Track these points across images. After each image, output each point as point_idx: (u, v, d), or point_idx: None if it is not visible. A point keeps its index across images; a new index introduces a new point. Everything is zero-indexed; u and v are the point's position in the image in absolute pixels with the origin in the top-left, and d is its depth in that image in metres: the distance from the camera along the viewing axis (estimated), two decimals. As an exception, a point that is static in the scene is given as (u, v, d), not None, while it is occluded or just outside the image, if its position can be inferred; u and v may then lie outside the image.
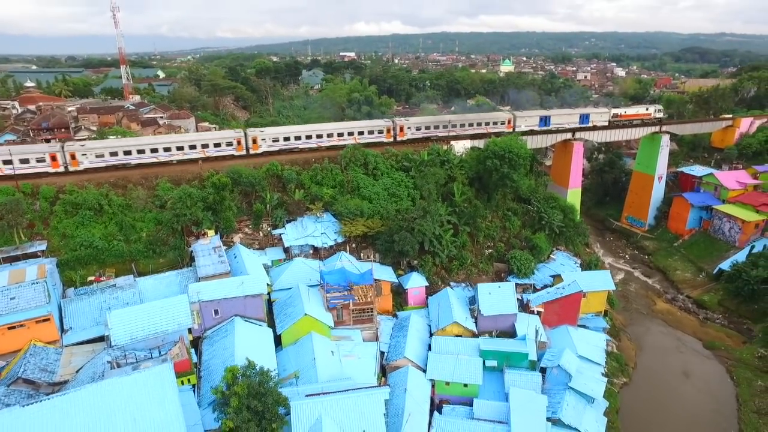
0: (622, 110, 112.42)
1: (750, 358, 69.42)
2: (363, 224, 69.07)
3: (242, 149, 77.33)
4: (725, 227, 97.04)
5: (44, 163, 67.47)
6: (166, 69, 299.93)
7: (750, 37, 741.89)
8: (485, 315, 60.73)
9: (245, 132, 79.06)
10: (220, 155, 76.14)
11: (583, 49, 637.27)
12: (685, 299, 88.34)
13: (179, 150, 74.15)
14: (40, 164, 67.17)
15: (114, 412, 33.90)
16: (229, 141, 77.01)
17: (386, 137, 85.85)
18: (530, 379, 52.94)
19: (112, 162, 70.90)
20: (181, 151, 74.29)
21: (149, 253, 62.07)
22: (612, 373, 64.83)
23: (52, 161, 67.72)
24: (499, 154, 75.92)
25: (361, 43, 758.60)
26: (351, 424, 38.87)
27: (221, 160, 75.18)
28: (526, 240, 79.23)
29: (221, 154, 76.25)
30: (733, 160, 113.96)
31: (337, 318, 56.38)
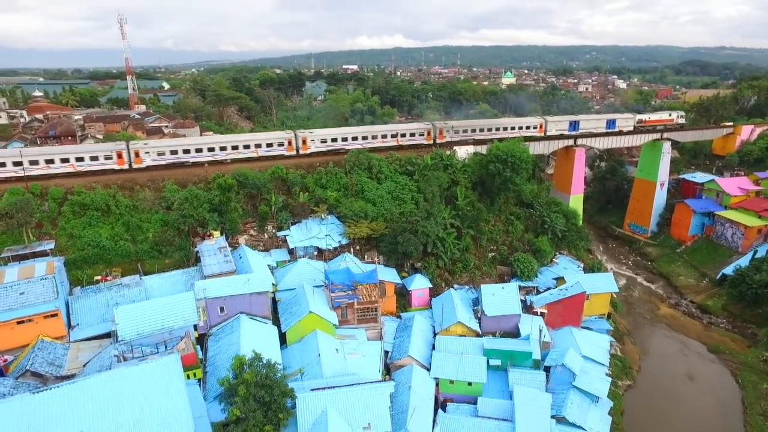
0: (647, 116, 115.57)
1: (755, 362, 69.24)
2: (367, 226, 69.62)
3: (293, 149, 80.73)
4: (728, 233, 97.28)
5: (111, 161, 71.41)
6: (170, 81, 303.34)
7: (749, 51, 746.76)
8: (489, 315, 60.89)
9: (296, 133, 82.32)
10: (272, 155, 79.43)
11: (584, 62, 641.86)
12: (689, 304, 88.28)
13: (234, 149, 77.70)
14: (107, 161, 71.13)
15: (122, 401, 34.25)
16: (281, 141, 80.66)
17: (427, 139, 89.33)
18: (534, 377, 52.94)
19: (171, 160, 74.78)
20: (236, 150, 77.84)
21: (155, 253, 62.68)
22: (616, 376, 64.68)
23: (118, 159, 71.79)
24: (502, 158, 76.63)
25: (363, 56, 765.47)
26: (356, 416, 39.06)
27: (272, 160, 78.46)
28: (529, 243, 79.61)
29: (273, 154, 79.66)
30: (734, 167, 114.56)
31: (341, 317, 56.67)
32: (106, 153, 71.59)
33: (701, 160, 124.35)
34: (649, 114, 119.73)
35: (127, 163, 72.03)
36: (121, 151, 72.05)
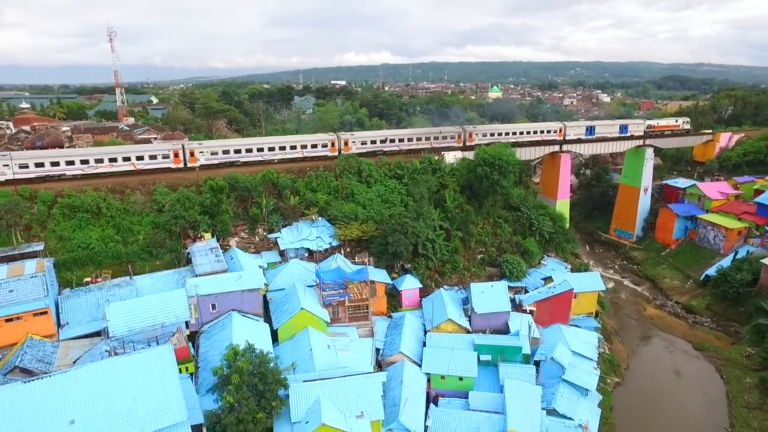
0: (655, 122, 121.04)
1: (738, 357, 70.54)
2: (357, 228, 70.30)
3: (335, 150, 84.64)
4: (710, 235, 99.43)
5: (168, 160, 75.06)
6: (159, 95, 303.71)
7: (726, 67, 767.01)
8: (479, 313, 61.56)
9: (338, 135, 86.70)
10: (316, 155, 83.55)
11: (568, 77, 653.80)
12: (674, 305, 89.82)
13: (281, 150, 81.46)
14: (165, 160, 74.71)
15: (114, 390, 34.24)
16: (324, 143, 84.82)
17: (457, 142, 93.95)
18: (524, 371, 53.65)
19: (223, 159, 78.49)
20: (283, 150, 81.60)
21: (146, 255, 62.64)
22: (605, 373, 65.50)
23: (174, 158, 75.33)
24: (489, 161, 78.12)
25: (351, 72, 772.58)
26: (349, 405, 39.33)
27: (316, 161, 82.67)
28: (517, 245, 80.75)
29: (317, 155, 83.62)
30: (714, 173, 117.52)
31: (333, 315, 57.05)
32: (164, 152, 75.44)
33: (683, 167, 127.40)
34: (657, 120, 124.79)
35: (183, 162, 75.46)
36: (178, 151, 75.65)
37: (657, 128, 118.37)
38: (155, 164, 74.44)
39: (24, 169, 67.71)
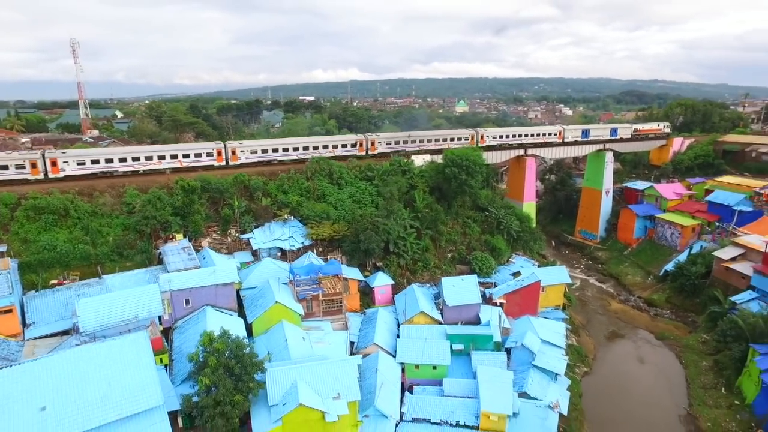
0: (641, 126, 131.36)
1: (695, 344, 74.07)
2: (329, 227, 71.09)
3: (363, 150, 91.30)
4: (667, 233, 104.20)
5: (212, 157, 79.81)
6: (124, 110, 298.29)
7: (678, 84, 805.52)
8: (450, 306, 62.96)
9: (366, 136, 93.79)
10: (346, 155, 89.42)
11: (532, 93, 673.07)
12: (637, 299, 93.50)
13: (315, 149, 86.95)
14: (209, 158, 79.67)
15: (88, 376, 34.00)
16: (354, 143, 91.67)
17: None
18: (496, 358, 55.14)
19: (261, 158, 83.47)
20: (316, 150, 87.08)
21: (116, 256, 61.71)
22: (574, 364, 67.77)
23: (218, 156, 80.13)
24: (457, 162, 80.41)
25: (319, 88, 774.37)
26: (326, 387, 39.77)
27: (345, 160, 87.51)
28: (485, 243, 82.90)
29: (346, 154, 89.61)
30: (669, 175, 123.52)
31: (306, 310, 57.33)
32: (209, 150, 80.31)
33: (641, 170, 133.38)
34: (642, 124, 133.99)
35: (225, 160, 80.00)
36: (221, 149, 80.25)
37: (642, 132, 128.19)
38: (200, 162, 79.09)
39: (81, 165, 71.69)
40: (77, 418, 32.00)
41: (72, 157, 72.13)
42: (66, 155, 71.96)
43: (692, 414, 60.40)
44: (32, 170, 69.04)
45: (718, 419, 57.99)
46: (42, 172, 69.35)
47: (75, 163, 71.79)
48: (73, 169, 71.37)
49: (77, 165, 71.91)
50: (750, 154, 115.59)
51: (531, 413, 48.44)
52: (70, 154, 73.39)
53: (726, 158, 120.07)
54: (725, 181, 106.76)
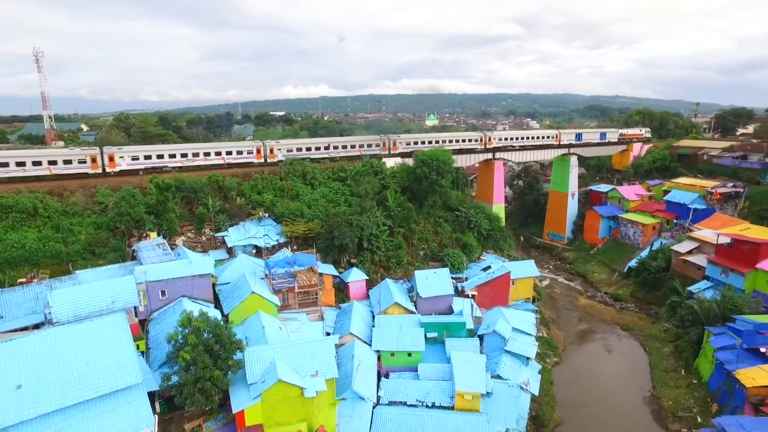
0: (625, 131, 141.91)
1: (658, 333, 77.57)
2: (304, 225, 72.04)
3: (386, 149, 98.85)
4: (630, 232, 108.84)
5: (252, 155, 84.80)
6: (89, 123, 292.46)
7: (638, 99, 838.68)
8: (423, 297, 64.49)
9: (389, 137, 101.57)
10: (370, 154, 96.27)
11: (500, 108, 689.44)
12: (603, 295, 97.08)
13: (343, 148, 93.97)
14: (249, 155, 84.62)
15: (65, 355, 34.02)
16: (378, 143, 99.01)
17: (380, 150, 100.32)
18: (469, 344, 56.81)
19: (296, 156, 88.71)
20: (345, 149, 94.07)
21: (88, 254, 61.14)
22: (544, 354, 70.05)
23: (257, 153, 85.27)
24: (428, 162, 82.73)
25: (290, 104, 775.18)
26: (304, 366, 40.55)
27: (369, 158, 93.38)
28: (457, 241, 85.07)
29: (371, 153, 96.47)
30: (630, 178, 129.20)
31: (282, 302, 57.98)
32: (249, 148, 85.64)
33: (604, 174, 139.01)
34: (627, 129, 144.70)
35: (263, 157, 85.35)
36: (260, 147, 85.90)
37: (627, 136, 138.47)
38: (242, 159, 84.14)
39: (135, 161, 76.09)
40: (54, 395, 31.98)
41: (127, 152, 76.50)
42: (122, 151, 76.50)
43: (655, 395, 63.27)
44: (92, 165, 73.04)
45: (678, 398, 60.94)
46: (100, 166, 73.36)
47: (130, 158, 76.11)
48: (128, 164, 75.77)
49: (131, 160, 76.21)
50: (702, 158, 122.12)
51: (504, 392, 50.10)
52: (126, 150, 77.66)
53: (681, 161, 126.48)
54: (681, 183, 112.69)
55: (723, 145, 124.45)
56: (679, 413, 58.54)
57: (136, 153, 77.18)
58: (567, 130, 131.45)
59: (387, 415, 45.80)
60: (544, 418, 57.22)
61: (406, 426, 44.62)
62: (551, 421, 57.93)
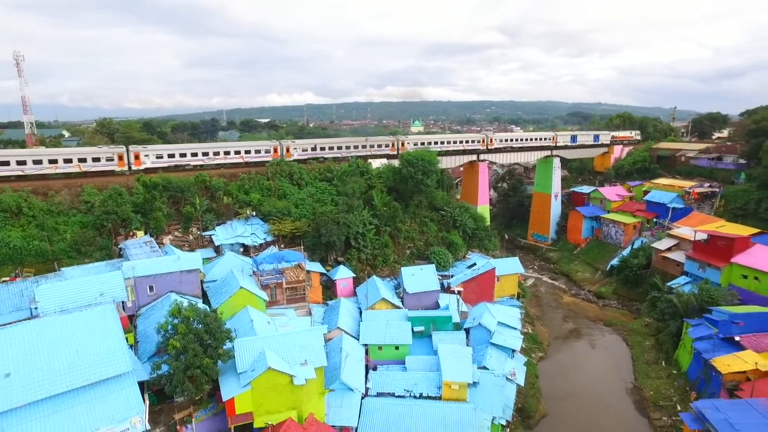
0: (617, 133, 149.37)
1: (639, 327, 79.31)
2: (291, 224, 72.53)
3: (395, 150, 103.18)
4: (612, 232, 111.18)
5: (269, 154, 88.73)
6: (71, 129, 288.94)
7: (619, 106, 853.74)
8: (410, 293, 65.35)
9: (398, 138, 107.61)
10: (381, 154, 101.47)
11: (484, 115, 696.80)
12: (587, 293, 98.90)
13: (355, 148, 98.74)
14: (266, 154, 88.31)
15: (54, 344, 34.16)
16: (387, 144, 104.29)
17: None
18: (456, 336, 57.71)
19: (311, 155, 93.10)
20: (356, 149, 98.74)
21: (74, 253, 60.91)
22: (530, 349, 71.25)
23: (274, 152, 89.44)
24: (414, 162, 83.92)
25: (275, 112, 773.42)
26: (293, 355, 40.98)
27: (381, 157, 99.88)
28: (442, 239, 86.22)
29: (381, 153, 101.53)
30: (611, 179, 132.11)
31: (270, 298, 58.31)
32: (267, 147, 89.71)
33: (586, 176, 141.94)
34: (618, 132, 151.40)
35: (280, 156, 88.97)
36: (277, 147, 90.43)
37: (618, 138, 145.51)
38: (259, 158, 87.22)
39: (159, 159, 79.27)
40: (43, 383, 32.07)
41: (152, 151, 79.96)
42: (147, 149, 79.75)
43: (637, 386, 64.76)
44: (119, 162, 76.21)
45: (659, 388, 62.46)
46: (127, 164, 76.45)
47: (154, 156, 79.20)
48: (152, 162, 78.56)
49: (156, 158, 79.21)
50: (680, 159, 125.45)
51: (490, 382, 51.02)
52: (150, 148, 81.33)
53: (660, 163, 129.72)
54: (660, 183, 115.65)
55: (700, 147, 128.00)
56: (660, 402, 60.02)
57: (160, 151, 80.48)
58: (562, 133, 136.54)
59: (375, 405, 46.38)
60: (530, 410, 58.28)
61: (395, 415, 45.23)
62: (537, 413, 58.96)
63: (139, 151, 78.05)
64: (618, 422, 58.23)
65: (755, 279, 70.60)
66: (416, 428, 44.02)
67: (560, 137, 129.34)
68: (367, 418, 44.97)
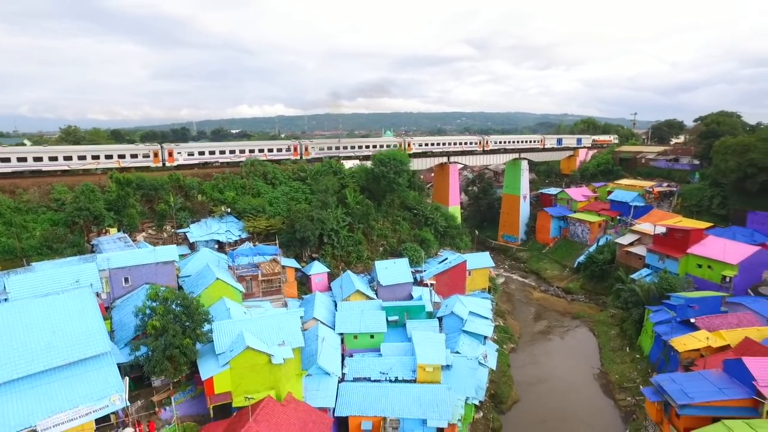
0: (597, 137, 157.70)
1: (605, 318, 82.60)
2: (265, 221, 73.20)
3: (401, 149, 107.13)
4: (578, 230, 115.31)
5: (289, 153, 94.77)
6: (32, 139, 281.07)
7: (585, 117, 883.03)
8: (384, 285, 66.74)
9: (404, 138, 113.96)
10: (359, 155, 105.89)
11: (455, 126, 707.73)
12: (556, 289, 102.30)
13: (366, 148, 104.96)
14: (287, 153, 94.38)
15: (30, 326, 34.23)
16: (395, 144, 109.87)
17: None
18: (429, 324, 59.22)
19: (327, 154, 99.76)
20: (368, 149, 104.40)
21: (45, 250, 59.96)
22: (501, 341, 73.40)
23: (294, 151, 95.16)
24: (386, 162, 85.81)
25: (246, 123, 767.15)
26: (271, 336, 41.81)
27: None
28: (415, 236, 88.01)
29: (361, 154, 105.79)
30: (577, 181, 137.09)
31: (246, 290, 58.80)
32: (287, 146, 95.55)
33: (553, 178, 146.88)
34: (599, 136, 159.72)
35: (299, 154, 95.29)
36: (296, 146, 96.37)
37: (599, 142, 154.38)
38: (281, 156, 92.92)
39: (190, 156, 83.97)
40: (20, 363, 32.13)
41: (184, 149, 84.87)
42: (179, 147, 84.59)
43: (604, 371, 67.62)
44: (154, 159, 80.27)
45: (624, 371, 65.44)
46: (161, 160, 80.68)
47: (186, 153, 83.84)
48: (184, 159, 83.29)
49: (188, 155, 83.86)
50: (641, 161, 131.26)
51: (463, 365, 52.67)
52: (182, 146, 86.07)
53: (622, 165, 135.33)
54: (623, 184, 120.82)
55: (658, 150, 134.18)
56: (624, 385, 62.91)
57: (191, 149, 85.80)
58: (550, 136, 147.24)
59: (352, 388, 47.41)
60: (503, 396, 60.30)
61: (371, 397, 46.33)
62: (509, 398, 61.00)
63: (173, 149, 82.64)
64: (586, 404, 60.75)
65: (708, 267, 74.83)
66: (392, 408, 45.20)
67: (548, 140, 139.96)
68: (344, 401, 45.92)
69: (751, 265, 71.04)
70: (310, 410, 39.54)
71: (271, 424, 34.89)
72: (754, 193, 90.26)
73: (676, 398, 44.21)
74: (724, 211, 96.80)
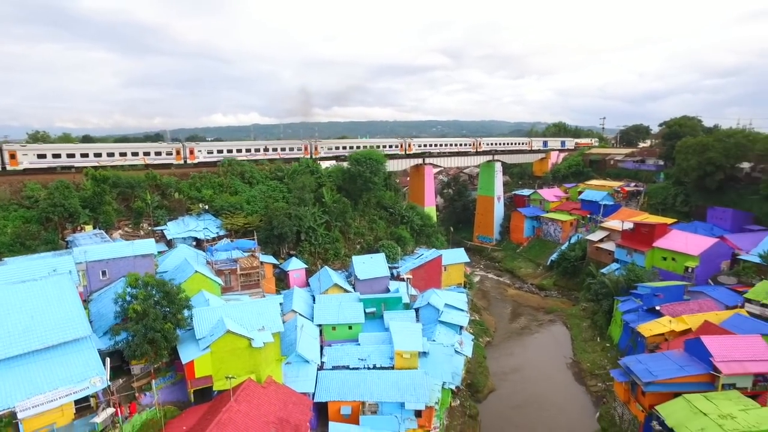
0: (580, 140, 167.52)
1: (578, 312, 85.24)
2: (243, 218, 73.59)
3: (402, 149, 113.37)
4: (551, 230, 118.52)
5: (300, 152, 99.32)
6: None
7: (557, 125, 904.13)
8: (361, 279, 67.78)
9: (405, 140, 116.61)
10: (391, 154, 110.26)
11: (431, 134, 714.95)
12: (530, 286, 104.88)
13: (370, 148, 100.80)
14: (299, 152, 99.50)
15: (8, 311, 34.21)
16: (397, 144, 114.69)
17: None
18: (406, 315, 60.55)
19: (337, 153, 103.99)
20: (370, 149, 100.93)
21: (18, 246, 59.13)
22: (477, 335, 75.09)
23: (305, 150, 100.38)
24: (362, 161, 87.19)
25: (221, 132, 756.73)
26: (251, 321, 42.42)
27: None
28: (391, 234, 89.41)
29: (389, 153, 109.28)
30: (549, 182, 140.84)
31: (225, 284, 59.11)
32: (299, 146, 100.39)
33: (526, 180, 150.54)
34: (581, 139, 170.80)
35: (310, 154, 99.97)
36: (308, 145, 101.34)
37: (580, 145, 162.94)
38: (293, 155, 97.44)
39: (209, 154, 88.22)
40: (-2, 346, 32.14)
41: (204, 147, 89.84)
42: (200, 146, 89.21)
43: (576, 360, 69.91)
44: (177, 156, 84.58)
45: (595, 360, 67.78)
46: (183, 158, 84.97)
47: (206, 152, 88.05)
48: (204, 156, 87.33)
49: (207, 153, 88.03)
50: (609, 163, 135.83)
51: (439, 352, 54.08)
52: (202, 145, 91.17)
53: (592, 167, 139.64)
54: (593, 184, 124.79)
55: (626, 152, 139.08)
56: (595, 372, 65.20)
57: (211, 147, 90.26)
58: (536, 138, 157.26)
59: (331, 375, 48.23)
60: (479, 385, 61.87)
61: (350, 383, 47.20)
62: (485, 387, 62.63)
63: (194, 147, 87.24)
64: (559, 391, 62.76)
65: (672, 260, 78.20)
66: (371, 393, 46.14)
67: (534, 142, 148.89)
68: (323, 387, 46.68)
69: (710, 256, 74.62)
70: (290, 392, 40.26)
71: (252, 405, 35.53)
72: (713, 191, 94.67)
73: (641, 377, 46.41)
74: (686, 208, 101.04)
